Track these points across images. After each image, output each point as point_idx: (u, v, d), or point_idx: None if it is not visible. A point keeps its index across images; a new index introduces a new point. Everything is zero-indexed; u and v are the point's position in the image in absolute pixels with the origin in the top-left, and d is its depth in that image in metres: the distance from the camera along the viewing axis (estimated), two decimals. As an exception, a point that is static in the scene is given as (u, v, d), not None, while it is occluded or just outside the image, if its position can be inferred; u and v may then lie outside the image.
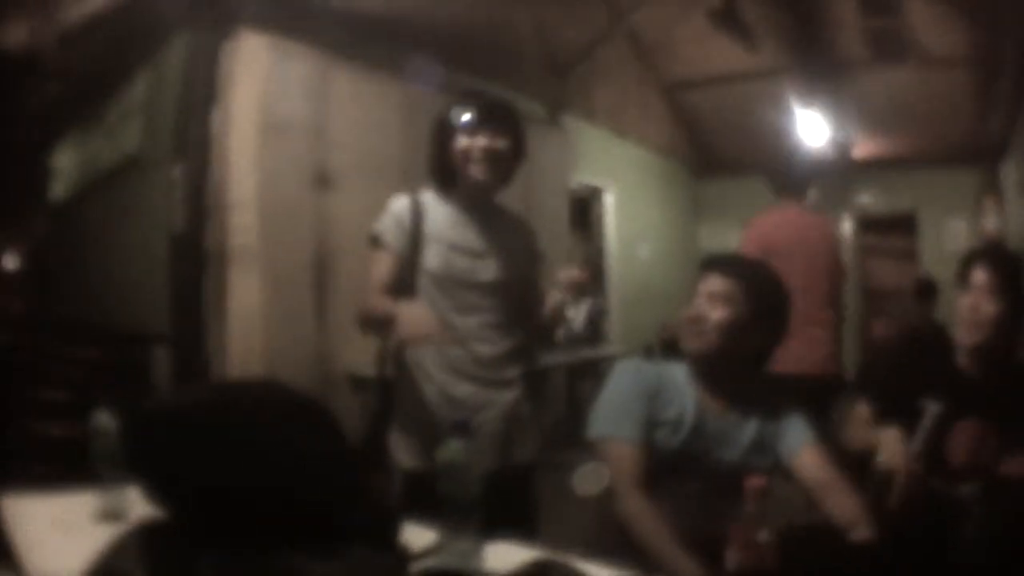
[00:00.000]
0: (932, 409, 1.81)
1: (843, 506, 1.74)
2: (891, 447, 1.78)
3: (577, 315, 6.11)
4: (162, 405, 0.87)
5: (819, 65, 6.03)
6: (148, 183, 4.54)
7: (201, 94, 4.06)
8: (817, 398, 2.37)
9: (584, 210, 6.98)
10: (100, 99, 5.35)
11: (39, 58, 4.20)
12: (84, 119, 5.77)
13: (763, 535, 1.35)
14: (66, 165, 6.40)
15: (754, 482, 1.37)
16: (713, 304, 1.82)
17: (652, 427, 1.80)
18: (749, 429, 1.85)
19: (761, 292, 1.85)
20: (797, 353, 2.96)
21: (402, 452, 2.11)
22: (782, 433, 1.86)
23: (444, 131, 2.14)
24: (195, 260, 3.98)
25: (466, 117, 2.10)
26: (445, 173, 2.17)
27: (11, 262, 8.16)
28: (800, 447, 1.84)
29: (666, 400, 1.83)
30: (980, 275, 1.96)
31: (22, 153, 6.35)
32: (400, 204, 2.16)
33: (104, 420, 1.61)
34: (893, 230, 8.06)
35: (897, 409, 1.88)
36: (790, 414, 1.89)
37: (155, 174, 4.41)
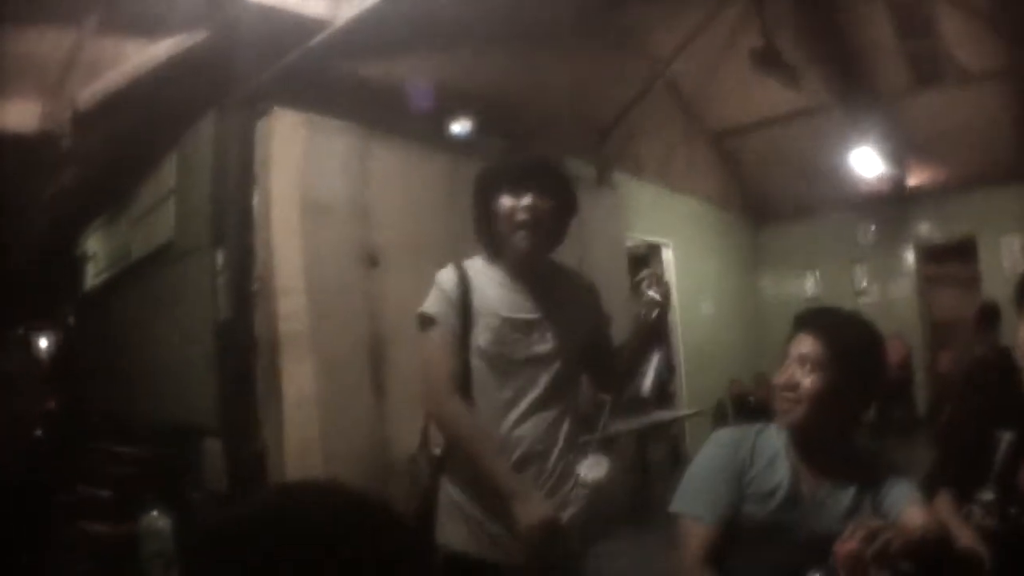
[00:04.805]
0: (1006, 438, 1.78)
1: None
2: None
3: (645, 377, 5.93)
4: (219, 522, 0.79)
5: (863, 95, 5.93)
6: (185, 270, 4.42)
7: (236, 176, 3.94)
8: None
9: (643, 269, 6.86)
10: (125, 184, 5.26)
11: (53, 141, 4.05)
12: (110, 205, 5.68)
13: None
14: (95, 253, 6.31)
15: (845, 547, 1.33)
16: (804, 369, 1.70)
17: (741, 500, 1.72)
18: (845, 497, 1.72)
19: (855, 354, 1.71)
20: None
21: (450, 535, 1.94)
22: (883, 498, 1.72)
23: (485, 192, 1.98)
24: (244, 348, 3.84)
25: (508, 176, 1.95)
26: (491, 237, 2.00)
27: (43, 353, 8.08)
28: (904, 506, 1.68)
29: (760, 472, 1.74)
30: None
31: (46, 239, 6.26)
32: (447, 278, 1.98)
33: (155, 521, 1.51)
34: (953, 257, 7.84)
35: (970, 443, 1.85)
36: (891, 479, 1.74)
37: (192, 261, 4.30)
